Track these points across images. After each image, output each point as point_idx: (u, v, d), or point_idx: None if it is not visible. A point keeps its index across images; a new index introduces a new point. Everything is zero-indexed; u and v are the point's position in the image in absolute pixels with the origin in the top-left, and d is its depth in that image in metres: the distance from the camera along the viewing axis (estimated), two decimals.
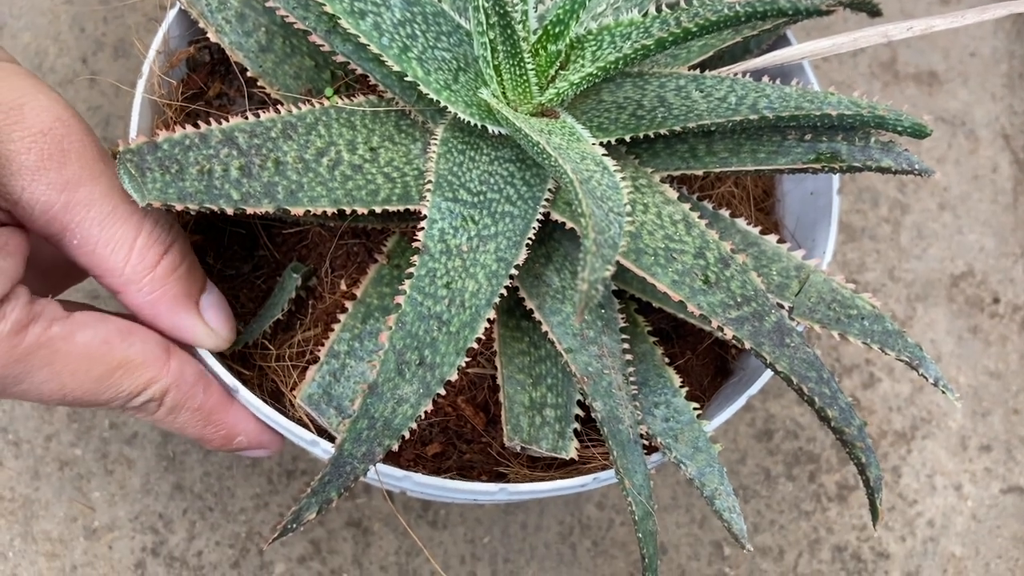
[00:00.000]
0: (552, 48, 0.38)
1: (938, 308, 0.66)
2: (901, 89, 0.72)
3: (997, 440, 0.63)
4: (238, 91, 0.47)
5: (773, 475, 0.61)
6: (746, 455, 0.61)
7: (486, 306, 0.36)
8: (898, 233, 0.68)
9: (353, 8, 0.38)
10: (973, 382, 0.65)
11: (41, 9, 0.64)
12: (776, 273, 0.41)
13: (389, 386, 0.34)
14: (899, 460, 0.62)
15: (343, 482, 0.32)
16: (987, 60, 0.74)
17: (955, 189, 0.70)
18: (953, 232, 0.69)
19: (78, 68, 0.63)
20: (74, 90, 0.63)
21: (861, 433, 0.35)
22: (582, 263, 0.27)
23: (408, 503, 0.57)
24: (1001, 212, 0.69)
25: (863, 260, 0.67)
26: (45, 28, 0.63)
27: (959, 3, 0.75)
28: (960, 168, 0.70)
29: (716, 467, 0.38)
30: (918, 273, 0.67)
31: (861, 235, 0.68)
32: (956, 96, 0.72)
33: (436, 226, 0.37)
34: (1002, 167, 0.71)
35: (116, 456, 0.56)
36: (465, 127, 0.40)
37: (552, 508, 0.58)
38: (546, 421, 0.40)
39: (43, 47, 0.63)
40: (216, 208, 0.35)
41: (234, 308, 0.45)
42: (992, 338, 0.66)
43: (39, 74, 0.62)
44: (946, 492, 0.62)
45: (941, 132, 0.71)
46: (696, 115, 0.39)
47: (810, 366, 0.36)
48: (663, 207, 0.39)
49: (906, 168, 0.40)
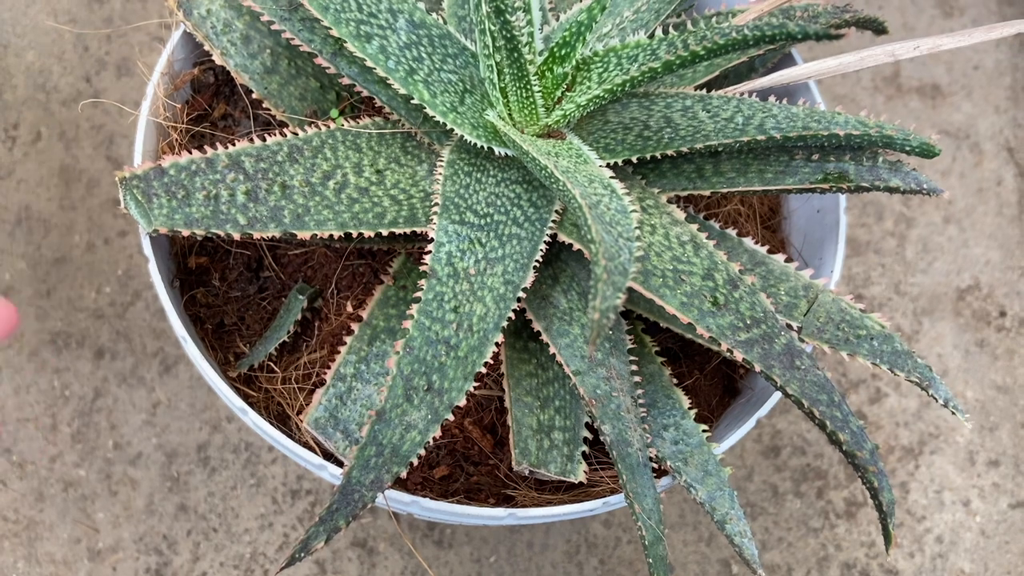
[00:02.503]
0: (558, 70, 0.37)
1: (944, 322, 0.66)
2: (905, 102, 0.72)
3: (1005, 455, 0.63)
4: (243, 112, 0.47)
5: (781, 492, 0.60)
6: (753, 472, 0.60)
7: (494, 330, 0.35)
8: (904, 247, 0.68)
9: (359, 32, 0.38)
10: (980, 396, 0.64)
11: (45, 29, 0.64)
12: (784, 293, 0.41)
13: (397, 412, 0.33)
14: (907, 476, 0.62)
15: (351, 510, 0.32)
16: (990, 73, 0.73)
17: (960, 202, 0.70)
18: (959, 245, 0.68)
19: (82, 87, 0.63)
20: (78, 109, 0.63)
21: (873, 457, 0.35)
22: (593, 291, 0.27)
23: (414, 523, 0.57)
24: (1006, 225, 0.69)
25: (868, 274, 0.67)
26: (49, 47, 0.63)
27: (961, 16, 0.75)
28: (965, 181, 0.70)
29: (727, 491, 0.38)
30: (924, 287, 0.67)
31: (867, 249, 0.67)
32: (960, 109, 0.72)
33: (443, 249, 0.37)
34: (1007, 180, 0.71)
35: (120, 477, 0.56)
36: (471, 149, 0.40)
37: (558, 527, 0.58)
38: (554, 444, 0.39)
39: (47, 66, 0.63)
40: (223, 233, 0.35)
41: (240, 330, 0.45)
42: (999, 352, 0.66)
43: (43, 94, 0.62)
44: (954, 508, 0.61)
45: (945, 145, 0.71)
46: (703, 136, 0.39)
47: (821, 389, 0.36)
48: (671, 228, 0.39)
49: (914, 188, 0.39)
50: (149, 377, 0.57)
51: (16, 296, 0.58)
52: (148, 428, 0.57)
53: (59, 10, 0.65)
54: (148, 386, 0.57)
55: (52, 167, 0.61)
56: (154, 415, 0.57)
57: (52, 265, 0.59)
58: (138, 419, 0.57)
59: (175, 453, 0.56)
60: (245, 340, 0.44)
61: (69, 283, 0.59)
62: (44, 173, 0.61)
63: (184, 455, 0.56)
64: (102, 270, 0.59)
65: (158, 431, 0.57)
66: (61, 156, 0.61)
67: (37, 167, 0.61)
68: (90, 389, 0.57)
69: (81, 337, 0.58)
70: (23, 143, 0.62)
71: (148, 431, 0.57)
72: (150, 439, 0.56)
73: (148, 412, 0.57)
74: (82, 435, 0.56)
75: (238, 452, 0.56)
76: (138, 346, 0.58)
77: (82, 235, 0.60)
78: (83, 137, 0.62)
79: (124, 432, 0.56)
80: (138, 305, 0.59)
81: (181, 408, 0.57)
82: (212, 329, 0.44)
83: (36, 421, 0.56)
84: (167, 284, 0.40)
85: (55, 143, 0.62)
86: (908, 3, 0.75)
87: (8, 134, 0.62)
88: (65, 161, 0.61)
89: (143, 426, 0.57)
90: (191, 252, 0.44)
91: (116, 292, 0.59)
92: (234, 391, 0.40)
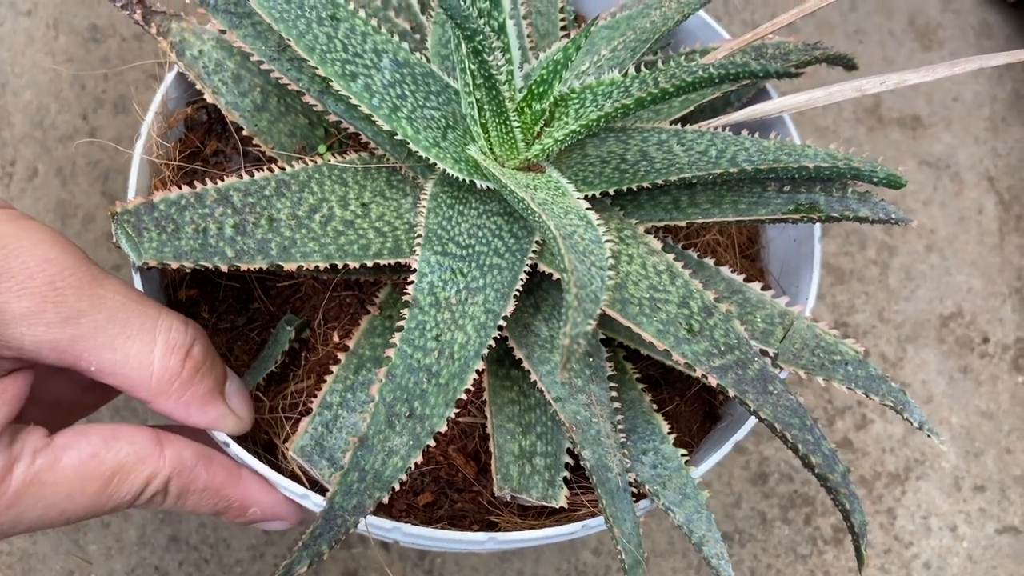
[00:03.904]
0: (537, 107, 0.39)
1: (928, 349, 0.67)
2: (886, 133, 0.74)
3: (991, 480, 0.64)
4: (234, 149, 0.48)
5: (769, 519, 0.61)
6: (741, 498, 0.61)
7: (475, 357, 0.36)
8: (886, 275, 0.69)
9: (345, 71, 0.40)
10: (965, 422, 0.65)
11: (43, 67, 0.66)
12: (761, 320, 0.42)
13: (379, 439, 0.34)
14: (894, 502, 0.62)
15: (334, 535, 0.33)
16: (969, 104, 0.75)
17: (942, 231, 0.71)
18: (941, 273, 0.70)
19: (79, 124, 0.64)
20: (75, 146, 0.64)
21: (845, 479, 0.36)
22: (564, 318, 0.28)
23: (403, 552, 0.57)
24: (988, 253, 0.71)
25: (852, 302, 0.68)
26: (47, 86, 0.65)
27: (940, 48, 0.77)
28: (946, 210, 0.72)
29: (704, 514, 0.38)
30: (907, 314, 0.68)
31: (850, 277, 0.69)
32: (940, 140, 0.74)
33: (426, 279, 0.38)
34: (987, 208, 0.72)
35: None
36: (454, 182, 0.41)
37: (548, 555, 0.58)
38: (536, 470, 0.40)
39: (44, 104, 0.65)
40: (211, 266, 0.36)
41: (228, 361, 0.46)
42: (983, 378, 0.67)
43: (40, 131, 0.64)
44: (941, 533, 0.62)
45: (926, 175, 0.73)
46: (677, 168, 0.40)
47: (793, 413, 0.37)
48: (647, 257, 0.40)
49: (883, 218, 0.41)
50: (142, 408, 0.58)
51: None
52: None
53: (57, 50, 0.66)
54: (141, 417, 0.58)
55: (49, 203, 0.62)
56: None
57: None
58: None
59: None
60: (234, 371, 0.45)
61: None
62: (40, 209, 0.63)
63: None
64: None
65: None
66: (58, 192, 0.63)
67: (34, 203, 0.63)
68: (84, 420, 0.58)
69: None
70: (20, 180, 0.63)
71: None
72: None
73: None
74: None
75: None
76: None
77: None
78: (79, 173, 0.63)
79: None
80: None
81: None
82: None
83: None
84: None
85: (52, 179, 0.63)
86: (888, 37, 0.77)
87: (5, 171, 0.63)
88: (62, 197, 0.63)
89: None
90: (181, 285, 0.46)
91: None
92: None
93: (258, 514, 0.41)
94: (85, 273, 0.35)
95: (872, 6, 0.78)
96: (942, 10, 0.79)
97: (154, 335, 0.36)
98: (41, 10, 0.68)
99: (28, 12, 0.67)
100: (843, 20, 0.77)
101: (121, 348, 0.35)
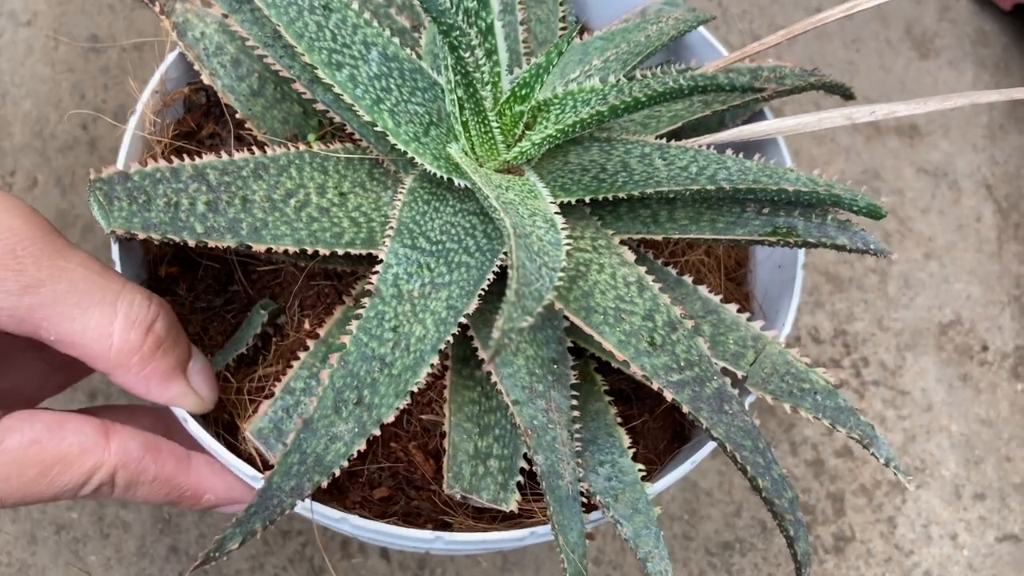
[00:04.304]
0: (517, 109, 0.39)
1: (927, 356, 0.66)
2: (884, 142, 0.73)
3: (991, 488, 0.63)
4: (230, 132, 0.49)
5: (769, 527, 0.60)
6: (741, 507, 0.60)
7: (431, 351, 0.36)
8: (885, 283, 0.68)
9: (331, 60, 0.40)
10: (965, 430, 0.64)
11: (43, 77, 0.67)
12: (733, 342, 0.42)
13: (324, 423, 0.34)
14: (894, 510, 0.61)
15: (269, 515, 0.33)
16: (967, 112, 0.75)
17: (940, 239, 0.70)
18: (940, 281, 0.69)
19: (78, 134, 0.65)
20: (74, 156, 0.65)
21: (792, 505, 0.35)
22: (500, 312, 0.28)
23: (404, 562, 0.57)
24: (986, 260, 0.70)
25: (851, 310, 0.67)
26: (46, 96, 0.66)
27: (937, 57, 0.76)
28: (944, 218, 0.71)
29: (652, 529, 0.38)
30: (907, 322, 0.67)
31: (849, 285, 0.68)
32: (938, 147, 0.73)
33: (391, 271, 0.38)
34: (986, 216, 0.71)
35: (112, 519, 0.56)
36: (433, 179, 0.41)
37: (549, 565, 0.58)
38: (489, 471, 0.40)
39: (44, 114, 0.66)
40: (179, 240, 0.37)
41: (203, 340, 0.46)
42: (982, 386, 0.66)
43: (39, 141, 0.65)
44: (942, 542, 0.61)
45: (924, 183, 0.72)
46: (655, 182, 0.40)
47: (746, 434, 0.36)
48: (619, 268, 0.40)
49: (861, 248, 0.40)
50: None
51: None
52: None
53: (56, 60, 0.67)
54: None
55: (48, 213, 0.63)
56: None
57: None
58: None
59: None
60: (206, 350, 0.46)
61: None
62: None
63: None
64: None
65: None
66: (57, 202, 0.63)
67: None
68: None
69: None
70: (20, 190, 0.64)
71: None
72: None
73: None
74: None
75: None
76: None
77: None
78: (79, 183, 0.64)
79: None
80: None
81: None
82: None
83: None
84: None
85: (51, 189, 0.64)
86: (885, 45, 0.77)
87: (5, 181, 0.64)
88: (61, 207, 0.63)
89: None
90: (163, 261, 0.46)
91: None
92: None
93: (212, 499, 0.41)
94: (48, 244, 0.35)
95: (869, 15, 0.77)
96: (939, 19, 0.78)
97: (115, 307, 0.36)
98: (41, 20, 0.69)
99: (28, 22, 0.69)
100: (840, 29, 0.76)
101: (80, 318, 0.35)
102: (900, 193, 0.71)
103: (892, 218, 0.71)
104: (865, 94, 0.75)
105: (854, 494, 0.61)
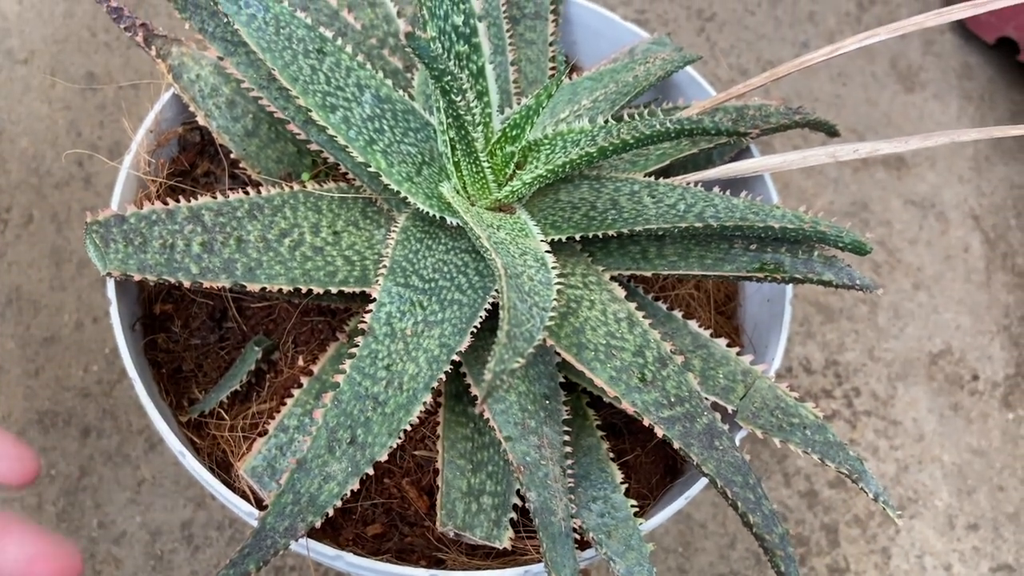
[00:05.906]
0: (508, 149, 0.40)
1: (918, 386, 0.67)
2: (871, 173, 0.74)
3: (984, 518, 0.63)
4: (224, 171, 0.49)
5: (764, 560, 0.60)
6: (736, 539, 0.60)
7: (424, 390, 0.37)
8: (875, 313, 0.69)
9: (325, 103, 0.41)
10: (957, 460, 0.64)
11: (39, 115, 0.67)
12: (723, 376, 0.42)
13: (318, 463, 0.35)
14: (888, 541, 0.61)
15: (263, 555, 0.33)
16: (953, 145, 0.76)
17: (928, 269, 0.71)
18: (929, 311, 0.69)
19: (74, 171, 0.66)
20: (69, 192, 0.65)
21: (783, 541, 0.36)
22: (492, 353, 0.28)
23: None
24: (975, 290, 0.70)
25: (842, 340, 0.67)
26: (43, 133, 0.66)
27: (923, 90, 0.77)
28: (932, 249, 0.72)
29: (646, 566, 0.38)
30: (897, 352, 0.68)
31: (839, 316, 0.68)
32: (925, 179, 0.74)
33: (384, 309, 0.38)
34: (973, 247, 0.72)
35: (104, 556, 0.56)
36: (426, 217, 0.42)
37: None
38: (482, 508, 0.40)
39: (40, 151, 0.66)
40: (174, 281, 0.37)
41: (197, 377, 0.46)
42: (973, 415, 0.66)
43: (35, 177, 0.65)
44: (936, 573, 0.61)
45: (912, 214, 0.73)
46: (644, 219, 0.40)
47: (736, 470, 0.37)
48: (609, 304, 0.41)
49: (847, 283, 0.41)
50: (134, 455, 0.58)
51: (5, 376, 0.59)
52: (132, 506, 0.57)
53: (53, 98, 0.68)
54: (133, 464, 0.58)
55: (44, 249, 0.63)
56: (139, 493, 0.57)
57: (41, 345, 0.60)
58: (123, 497, 0.57)
59: (159, 531, 0.57)
60: (201, 387, 0.46)
61: (57, 362, 0.60)
62: (35, 255, 0.63)
63: (168, 533, 0.56)
64: (90, 348, 0.61)
65: (142, 509, 0.57)
66: (53, 238, 0.64)
67: (29, 249, 0.63)
68: (76, 468, 0.58)
69: (68, 416, 0.59)
70: (15, 226, 0.64)
71: (132, 509, 0.57)
72: (134, 517, 0.57)
73: (133, 490, 0.57)
74: (67, 514, 0.57)
75: (222, 529, 0.57)
76: (124, 424, 0.59)
77: (71, 314, 0.62)
78: (74, 219, 0.65)
79: (109, 511, 0.57)
80: (124, 383, 0.60)
81: (166, 485, 0.58)
82: (168, 374, 0.46)
83: (21, 501, 0.57)
84: (127, 327, 0.42)
85: (47, 225, 0.64)
86: (870, 79, 0.78)
87: (1, 217, 0.64)
88: (56, 243, 0.64)
89: (127, 504, 0.57)
90: (158, 299, 0.47)
91: (103, 370, 0.60)
92: (178, 435, 0.41)
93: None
94: None
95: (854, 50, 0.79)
96: (924, 53, 0.79)
97: None
98: (38, 58, 0.70)
99: (25, 60, 0.69)
100: (827, 64, 0.78)
101: None
102: (888, 224, 0.72)
103: (881, 249, 0.71)
104: (851, 127, 0.76)
105: (848, 525, 0.62)
